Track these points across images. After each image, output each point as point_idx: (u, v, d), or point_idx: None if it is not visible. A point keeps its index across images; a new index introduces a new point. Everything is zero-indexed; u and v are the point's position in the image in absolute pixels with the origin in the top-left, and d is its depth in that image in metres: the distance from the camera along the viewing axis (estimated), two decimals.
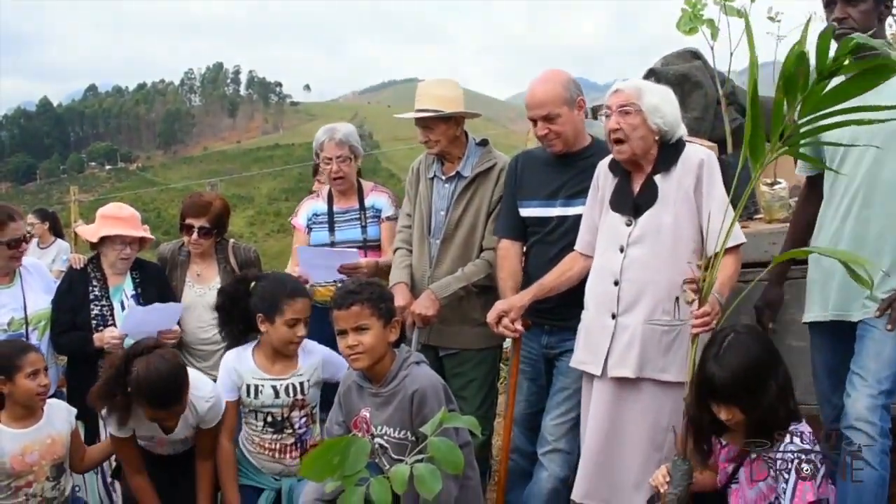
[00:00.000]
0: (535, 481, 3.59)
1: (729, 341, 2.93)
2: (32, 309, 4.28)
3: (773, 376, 2.83)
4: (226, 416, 3.79)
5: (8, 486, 3.68)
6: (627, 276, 3.29)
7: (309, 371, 3.74)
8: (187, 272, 4.58)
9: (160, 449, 3.92)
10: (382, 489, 1.99)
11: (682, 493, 2.92)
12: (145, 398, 3.49)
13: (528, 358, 3.76)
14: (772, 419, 2.82)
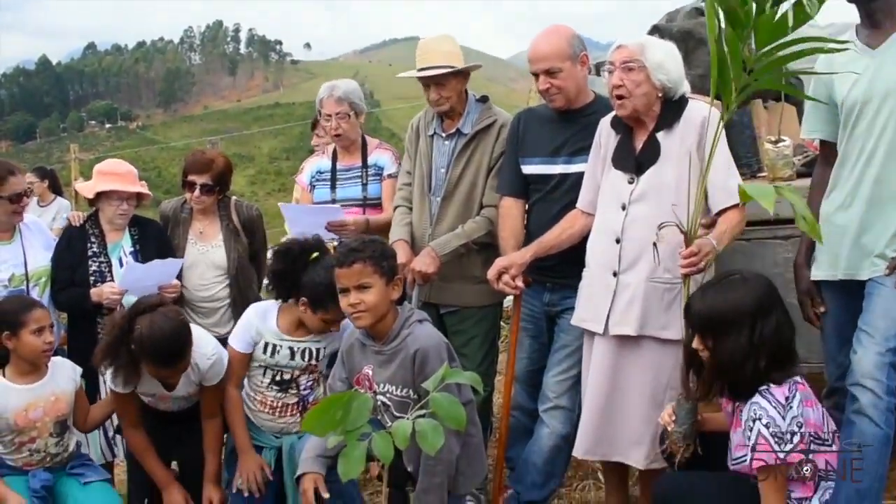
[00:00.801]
0: (536, 438, 3.60)
1: (727, 278, 2.93)
2: (33, 265, 4.28)
3: (749, 327, 2.79)
4: (234, 367, 3.79)
5: (11, 441, 3.71)
6: (629, 234, 3.27)
7: (327, 339, 3.74)
8: (189, 229, 4.56)
9: (163, 405, 3.94)
10: (385, 444, 2.00)
11: (686, 431, 2.94)
12: (149, 356, 3.49)
13: (529, 315, 3.76)
14: (733, 369, 2.81)
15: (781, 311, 2.84)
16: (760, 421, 2.77)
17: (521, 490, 3.57)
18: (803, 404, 2.80)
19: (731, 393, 2.89)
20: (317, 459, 3.23)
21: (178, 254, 4.50)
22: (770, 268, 3.70)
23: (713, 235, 3.08)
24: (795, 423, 2.76)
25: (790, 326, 2.86)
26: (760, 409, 2.77)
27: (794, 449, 2.73)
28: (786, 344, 2.83)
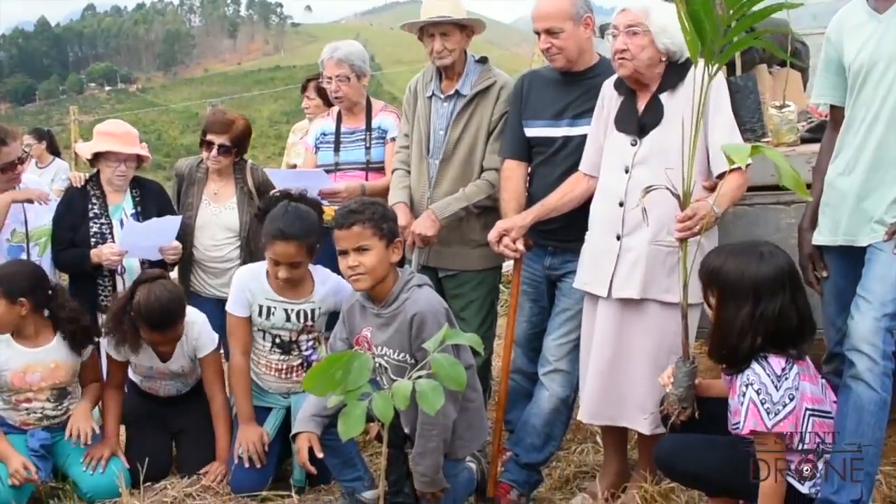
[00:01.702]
0: (535, 401, 3.61)
1: (753, 246, 2.93)
2: (33, 224, 4.29)
3: (752, 302, 2.80)
4: (235, 332, 3.84)
5: (8, 398, 3.73)
6: (632, 197, 3.24)
7: (321, 300, 3.75)
8: (204, 190, 4.56)
9: (161, 384, 4.04)
10: (384, 404, 2.00)
11: (682, 394, 2.95)
12: (145, 320, 3.68)
13: (530, 279, 3.75)
14: (730, 338, 2.82)
15: (789, 297, 2.82)
16: (752, 387, 2.79)
17: (519, 452, 3.59)
18: (800, 377, 2.81)
19: (727, 364, 2.89)
20: (312, 419, 3.25)
21: (190, 212, 4.50)
22: (772, 233, 3.68)
23: (712, 198, 3.07)
24: (788, 394, 2.77)
25: (799, 315, 2.84)
26: (754, 376, 2.79)
27: (782, 419, 2.75)
28: (787, 330, 2.81)
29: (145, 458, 3.77)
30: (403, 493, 3.28)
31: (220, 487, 3.74)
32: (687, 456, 3.00)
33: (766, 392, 2.77)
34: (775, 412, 2.75)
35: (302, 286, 3.75)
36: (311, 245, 3.60)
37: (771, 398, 2.76)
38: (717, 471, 2.95)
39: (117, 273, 4.38)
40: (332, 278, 3.78)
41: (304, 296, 3.74)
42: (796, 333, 2.83)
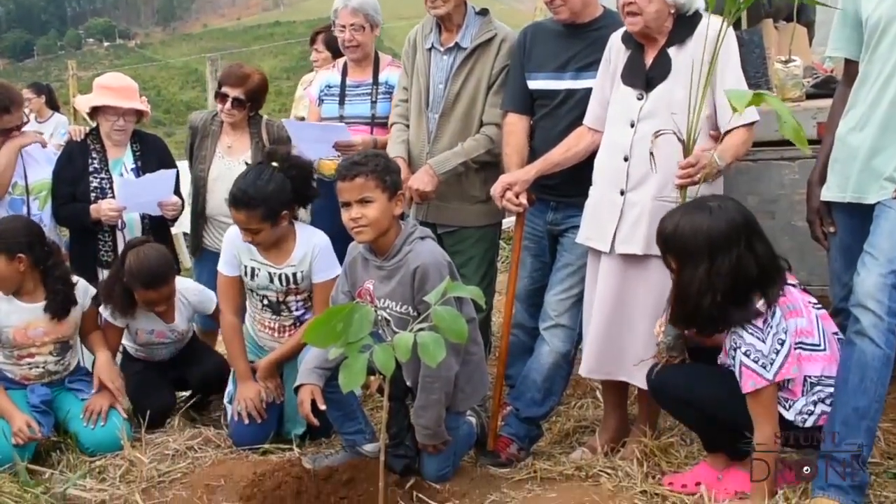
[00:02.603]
0: (536, 356, 3.61)
1: (700, 203, 2.92)
2: (33, 178, 4.26)
3: (707, 259, 2.79)
4: (225, 292, 3.88)
5: (11, 353, 3.73)
6: (637, 151, 3.22)
7: (301, 262, 3.72)
8: (218, 143, 4.52)
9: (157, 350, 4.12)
10: (386, 356, 2.00)
11: (671, 342, 2.97)
12: (136, 279, 3.80)
13: (532, 234, 3.73)
14: (690, 300, 2.81)
15: (745, 247, 2.81)
16: (740, 350, 2.80)
17: (520, 407, 3.60)
18: (785, 318, 2.82)
19: (695, 327, 2.89)
20: (314, 371, 3.25)
21: (203, 165, 4.47)
22: (776, 189, 3.67)
23: (717, 150, 3.04)
24: (777, 340, 2.79)
25: (758, 262, 2.83)
26: (739, 339, 2.81)
27: (781, 366, 2.77)
28: (746, 282, 2.80)
29: (147, 401, 3.88)
30: (404, 445, 3.29)
31: (221, 440, 3.76)
32: (678, 381, 3.05)
33: (755, 350, 2.79)
34: (770, 362, 2.77)
35: (282, 250, 3.73)
36: (267, 213, 3.55)
37: (761, 353, 2.78)
38: (708, 395, 2.99)
39: (118, 228, 4.36)
40: (314, 241, 3.74)
41: (285, 260, 3.72)
42: (759, 281, 2.83)
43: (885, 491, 2.90)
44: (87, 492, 3.23)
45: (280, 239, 3.71)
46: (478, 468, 3.47)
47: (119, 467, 3.47)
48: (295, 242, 3.74)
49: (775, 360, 2.77)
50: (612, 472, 3.24)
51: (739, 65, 3.22)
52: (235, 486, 3.28)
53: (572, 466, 3.36)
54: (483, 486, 3.28)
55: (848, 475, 2.68)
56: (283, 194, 3.60)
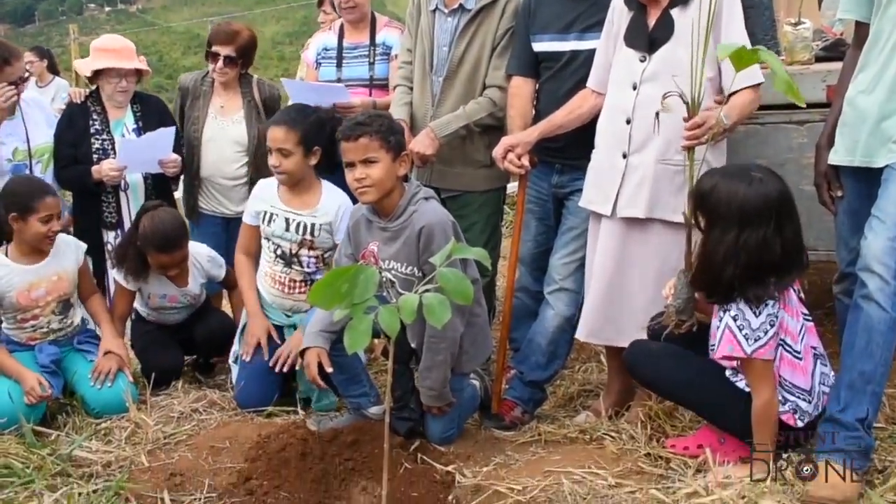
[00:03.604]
0: (540, 319, 3.60)
1: (746, 170, 2.89)
2: (35, 141, 4.25)
3: (736, 228, 2.77)
4: (243, 235, 3.97)
5: (14, 318, 3.73)
6: (640, 114, 3.19)
7: (324, 214, 3.73)
8: (210, 104, 4.50)
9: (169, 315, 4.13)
10: (391, 317, 1.99)
11: (681, 305, 2.95)
12: (150, 243, 3.84)
13: (537, 197, 3.70)
14: (713, 264, 2.79)
15: (774, 227, 2.78)
16: (729, 313, 2.80)
17: (524, 370, 3.59)
18: (780, 306, 2.81)
19: (709, 293, 2.88)
20: (320, 334, 3.25)
21: (196, 126, 4.45)
22: (784, 153, 3.63)
23: (723, 110, 3.01)
24: (769, 320, 2.77)
25: (784, 246, 2.80)
26: (733, 304, 2.79)
27: (762, 346, 2.76)
28: (767, 262, 2.78)
29: (156, 361, 3.95)
30: (409, 408, 3.30)
31: (226, 403, 3.77)
32: (647, 362, 3.08)
33: (744, 318, 2.77)
34: (755, 338, 2.76)
35: (304, 198, 3.76)
36: (303, 137, 3.64)
37: (749, 324, 2.77)
38: (671, 382, 3.04)
39: (121, 189, 4.35)
40: (341, 199, 3.77)
41: (308, 208, 3.74)
42: (778, 266, 2.80)
43: (889, 455, 2.90)
44: (93, 453, 3.24)
45: (305, 187, 3.77)
46: (482, 431, 3.49)
47: (125, 429, 3.48)
48: (320, 195, 3.78)
49: (760, 338, 2.76)
50: (616, 435, 3.25)
51: (743, 26, 3.17)
52: (240, 447, 3.29)
53: (576, 429, 3.37)
54: (487, 448, 3.29)
55: (853, 439, 2.67)
56: (322, 130, 3.69)
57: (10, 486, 2.83)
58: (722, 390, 2.93)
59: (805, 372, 2.88)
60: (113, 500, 2.80)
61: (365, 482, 3.00)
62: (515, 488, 2.90)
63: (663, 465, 2.99)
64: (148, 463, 3.19)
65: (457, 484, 3.00)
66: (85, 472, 3.06)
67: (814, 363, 2.92)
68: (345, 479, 3.05)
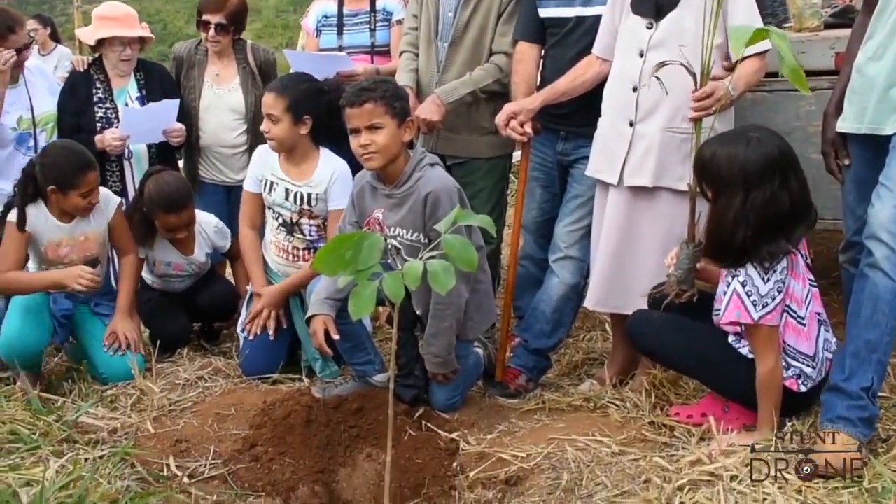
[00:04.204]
0: (545, 288, 3.59)
1: (742, 133, 2.86)
2: (39, 109, 4.24)
3: (742, 191, 2.74)
4: (246, 205, 3.93)
5: (40, 268, 3.75)
6: (647, 82, 3.16)
7: (319, 184, 3.70)
8: (205, 72, 4.46)
9: (175, 283, 4.14)
10: (395, 284, 1.98)
11: (682, 275, 2.94)
12: (157, 205, 3.84)
13: (541, 165, 3.68)
14: (723, 230, 2.77)
15: (781, 183, 2.76)
16: (738, 278, 2.78)
17: (529, 338, 3.59)
18: (788, 272, 2.79)
19: (721, 258, 2.86)
20: (326, 301, 3.24)
21: (193, 96, 4.43)
22: (792, 121, 3.60)
23: (729, 80, 2.98)
24: (777, 287, 2.76)
25: (792, 198, 2.78)
26: (741, 268, 2.78)
27: (769, 312, 2.75)
28: (779, 218, 2.76)
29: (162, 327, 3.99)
30: (414, 375, 3.31)
31: (231, 370, 3.78)
32: (650, 332, 3.07)
33: (753, 284, 2.76)
34: (763, 304, 2.75)
35: (302, 168, 3.73)
36: (291, 104, 3.60)
37: (758, 290, 2.75)
38: (676, 352, 3.03)
39: (124, 158, 4.34)
40: (334, 166, 3.73)
41: (305, 178, 3.72)
42: (789, 220, 2.78)
43: (894, 425, 2.89)
44: (99, 420, 3.25)
45: (303, 155, 3.73)
46: (486, 399, 3.49)
47: (130, 396, 3.49)
48: (316, 165, 3.73)
49: (768, 305, 2.75)
50: (621, 403, 3.25)
51: None
52: (245, 414, 3.30)
53: (581, 398, 3.37)
54: (492, 416, 3.30)
55: (857, 408, 2.67)
56: (312, 98, 3.65)
57: (17, 451, 2.84)
58: (725, 358, 2.92)
59: (809, 338, 2.87)
60: (119, 466, 2.81)
61: (369, 449, 3.02)
62: (519, 455, 2.91)
63: (667, 434, 2.99)
64: (154, 429, 3.20)
65: (461, 451, 3.02)
66: (91, 439, 3.07)
67: (818, 329, 2.91)
68: (349, 446, 3.07)
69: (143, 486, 2.76)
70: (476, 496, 2.79)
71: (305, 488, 2.80)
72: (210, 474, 2.95)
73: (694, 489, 2.53)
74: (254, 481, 2.89)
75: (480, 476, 2.86)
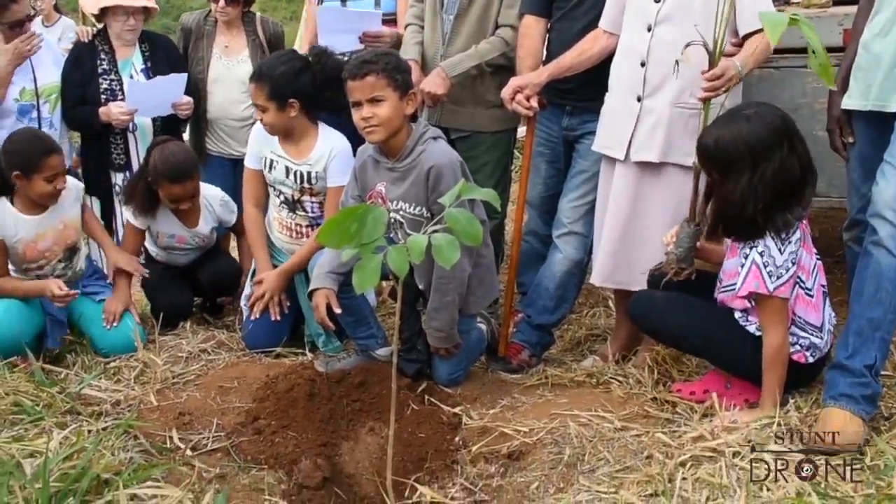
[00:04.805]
0: (549, 263, 3.57)
1: (738, 112, 2.83)
2: (42, 81, 4.19)
3: (749, 168, 2.72)
4: (249, 183, 3.89)
5: (19, 268, 3.72)
6: (654, 56, 3.12)
7: (317, 162, 3.67)
8: (214, 44, 4.43)
9: (178, 256, 4.11)
10: (400, 258, 1.96)
11: (682, 254, 2.93)
12: (162, 174, 3.79)
13: (546, 140, 3.65)
14: (733, 210, 2.76)
15: (789, 150, 2.74)
16: (756, 249, 2.76)
17: (532, 314, 3.58)
18: (801, 244, 2.78)
19: (734, 234, 2.85)
20: (329, 275, 3.23)
21: (201, 67, 4.40)
22: (798, 97, 3.57)
23: (738, 58, 2.96)
24: (791, 258, 2.75)
25: (802, 166, 2.77)
26: (759, 239, 2.76)
27: (783, 284, 2.74)
28: (791, 185, 2.75)
29: (165, 299, 3.96)
30: (416, 350, 3.30)
31: (234, 343, 3.78)
32: (653, 311, 3.06)
33: (770, 255, 2.74)
34: (777, 276, 2.74)
35: (300, 146, 3.69)
36: (272, 92, 3.55)
37: (774, 261, 2.74)
38: (680, 331, 3.02)
39: (129, 131, 4.32)
40: (333, 143, 3.69)
41: (303, 156, 3.68)
42: (800, 183, 2.78)
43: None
44: (103, 392, 3.25)
45: (300, 134, 3.69)
46: (489, 374, 3.49)
47: (133, 369, 3.49)
48: (315, 142, 3.70)
49: (782, 276, 2.74)
50: (623, 379, 3.24)
51: None
52: (248, 387, 3.30)
53: (583, 373, 3.37)
54: (494, 391, 3.29)
55: (860, 385, 2.66)
56: (293, 81, 3.57)
57: (21, 422, 2.84)
58: (732, 336, 2.91)
59: (817, 309, 2.87)
60: (122, 438, 2.81)
61: (372, 423, 3.02)
62: (521, 430, 2.91)
63: (669, 410, 2.98)
64: (157, 402, 3.20)
65: (463, 425, 3.02)
66: (94, 411, 3.07)
67: (823, 301, 2.91)
68: (352, 420, 3.07)
69: (146, 458, 2.76)
70: (478, 470, 2.79)
71: (308, 461, 2.79)
72: (213, 447, 2.95)
73: (696, 465, 2.52)
74: (256, 454, 2.89)
75: (483, 450, 2.86)
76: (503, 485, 2.71)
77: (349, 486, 2.83)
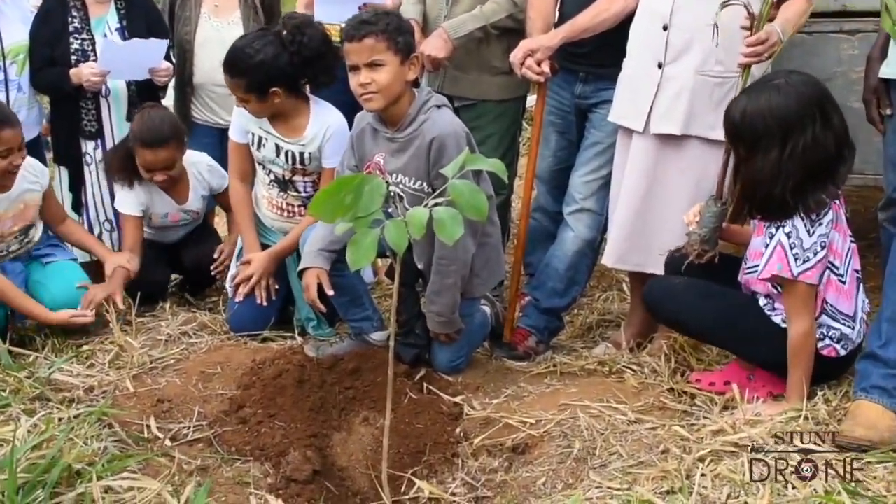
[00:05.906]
0: (558, 242, 3.57)
1: (768, 82, 2.82)
2: (9, 40, 4.15)
3: (779, 142, 2.72)
4: (234, 156, 3.89)
5: None
6: (678, 19, 3.11)
7: (311, 142, 3.65)
8: (203, 3, 4.40)
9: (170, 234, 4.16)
10: (398, 233, 1.97)
11: (707, 235, 2.94)
12: (137, 138, 3.84)
13: (558, 108, 3.64)
14: (760, 188, 2.76)
15: (822, 124, 2.74)
16: (783, 229, 2.77)
17: (540, 297, 3.58)
18: (832, 226, 2.78)
19: (762, 214, 2.85)
20: (320, 254, 3.23)
21: (188, 27, 4.37)
22: (832, 66, 3.56)
23: (777, 23, 2.94)
24: (820, 242, 2.75)
25: (838, 141, 2.77)
26: (788, 220, 2.77)
27: (810, 269, 2.74)
28: (824, 162, 2.75)
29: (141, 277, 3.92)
30: (415, 334, 3.31)
31: (217, 326, 3.78)
32: (670, 299, 3.07)
33: (798, 236, 2.75)
34: (804, 259, 2.74)
35: (292, 125, 3.67)
36: (250, 85, 3.52)
37: (802, 243, 2.74)
38: (700, 319, 3.03)
39: (101, 95, 4.28)
40: (327, 121, 3.66)
41: (296, 135, 3.66)
42: (836, 160, 2.78)
43: None
44: (75, 377, 3.25)
45: (291, 113, 3.66)
46: (493, 361, 3.50)
47: (108, 352, 3.49)
48: (308, 119, 3.67)
49: (809, 260, 2.74)
50: (638, 368, 3.25)
51: None
52: (233, 373, 3.30)
53: (595, 361, 3.38)
54: (498, 379, 3.30)
55: (894, 377, 2.66)
56: (272, 69, 3.51)
57: None
58: (756, 322, 2.91)
59: (849, 296, 2.88)
60: (95, 427, 2.81)
61: (366, 412, 3.03)
62: (528, 421, 2.92)
63: (687, 401, 3.00)
64: (133, 388, 3.20)
65: (465, 416, 3.03)
66: (65, 397, 3.07)
67: (857, 287, 2.91)
68: (345, 409, 3.08)
69: (121, 448, 2.76)
70: (480, 464, 2.80)
71: (297, 453, 2.79)
72: (194, 437, 2.96)
73: (716, 460, 2.53)
74: (241, 445, 2.90)
75: (485, 443, 2.87)
76: (507, 480, 2.72)
77: (341, 480, 2.84)
